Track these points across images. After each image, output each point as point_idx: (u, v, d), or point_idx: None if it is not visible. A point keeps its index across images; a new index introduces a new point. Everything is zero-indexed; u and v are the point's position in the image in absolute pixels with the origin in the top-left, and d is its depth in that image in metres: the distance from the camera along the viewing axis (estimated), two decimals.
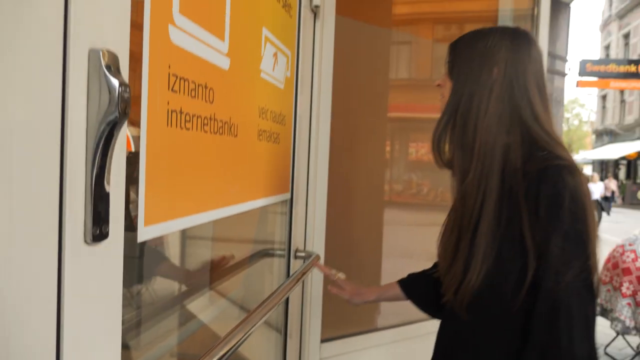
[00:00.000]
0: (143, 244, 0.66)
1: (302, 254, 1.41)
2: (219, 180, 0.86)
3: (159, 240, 0.97)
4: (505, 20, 3.42)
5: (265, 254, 1.39)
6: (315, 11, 1.47)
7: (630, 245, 3.36)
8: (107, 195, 0.51)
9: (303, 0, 1.38)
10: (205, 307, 1.20)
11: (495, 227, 0.87)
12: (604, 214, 12.26)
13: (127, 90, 0.50)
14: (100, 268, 0.52)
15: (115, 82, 0.49)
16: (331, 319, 1.62)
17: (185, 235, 1.08)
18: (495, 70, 0.92)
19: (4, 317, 0.41)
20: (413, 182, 2.99)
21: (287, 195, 1.33)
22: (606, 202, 12.59)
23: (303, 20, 1.37)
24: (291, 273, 1.34)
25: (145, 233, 0.62)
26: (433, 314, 1.16)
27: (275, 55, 1.15)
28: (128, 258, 0.57)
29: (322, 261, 1.45)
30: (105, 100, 0.48)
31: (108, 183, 0.51)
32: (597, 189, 11.70)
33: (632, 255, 3.29)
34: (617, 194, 13.21)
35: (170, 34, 0.66)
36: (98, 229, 0.50)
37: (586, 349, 0.78)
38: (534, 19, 3.01)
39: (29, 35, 0.42)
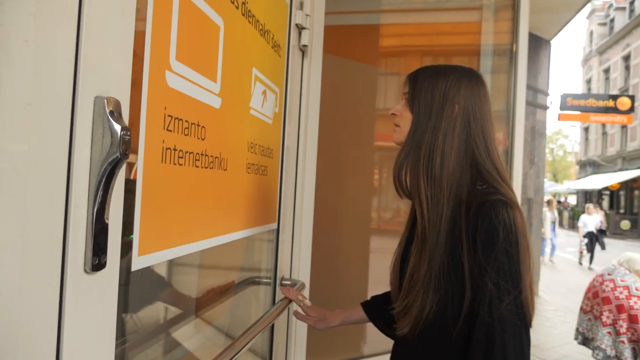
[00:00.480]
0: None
1: (288, 282, 1.44)
2: (209, 211, 0.91)
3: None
4: (487, 54, 3.57)
5: (252, 281, 1.42)
6: (303, 50, 1.56)
7: (609, 274, 3.44)
8: (107, 227, 0.56)
9: (292, 40, 1.46)
10: (190, 335, 1.23)
11: (445, 259, 0.91)
12: (598, 247, 11.30)
13: (128, 133, 0.55)
14: (98, 296, 0.56)
15: (117, 126, 0.54)
16: (316, 347, 1.64)
17: (172, 262, 1.11)
18: (457, 107, 0.97)
19: (10, 339, 0.45)
20: (401, 210, 3.05)
21: (274, 225, 1.38)
22: (602, 234, 11.70)
23: (292, 59, 1.45)
24: (276, 301, 1.38)
25: (139, 262, 0.66)
26: (393, 336, 1.16)
27: (264, 93, 1.22)
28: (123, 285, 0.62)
29: (307, 289, 1.49)
30: (108, 143, 0.54)
31: (107, 217, 0.56)
32: (592, 222, 11.22)
33: (611, 285, 3.36)
34: (604, 224, 12.70)
35: (167, 79, 0.72)
36: (97, 259, 0.55)
37: None
38: (513, 54, 3.16)
39: (42, 83, 0.47)
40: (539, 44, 6.65)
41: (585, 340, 3.56)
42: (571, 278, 9.08)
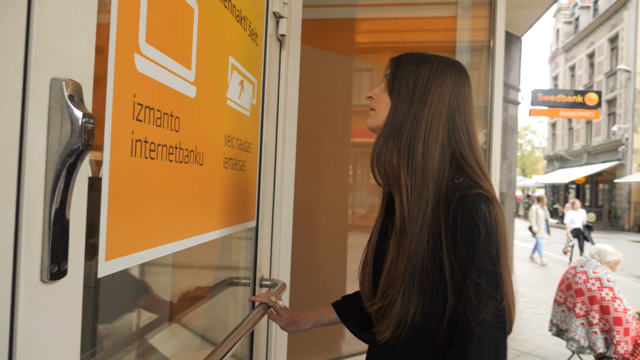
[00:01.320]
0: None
1: (268, 282, 1.38)
2: (185, 209, 0.84)
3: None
4: (463, 51, 3.58)
5: (230, 282, 1.35)
6: (281, 40, 1.49)
7: (581, 266, 3.50)
8: (67, 230, 0.48)
9: (269, 29, 1.39)
10: (166, 341, 1.16)
11: (427, 257, 0.86)
12: (587, 244, 10.48)
13: (91, 121, 0.48)
14: (58, 307, 0.49)
15: (78, 113, 0.47)
16: (297, 347, 1.59)
17: (144, 263, 1.04)
18: (441, 96, 0.93)
19: None
20: (376, 205, 3.02)
21: (253, 223, 1.32)
22: (589, 230, 10.90)
23: (269, 48, 1.39)
24: (256, 304, 1.31)
25: (106, 268, 0.59)
26: (364, 338, 1.11)
27: (241, 83, 1.15)
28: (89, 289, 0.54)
29: (287, 289, 1.43)
30: (67, 132, 0.47)
31: (68, 217, 0.48)
32: (578, 217, 10.44)
33: (584, 277, 3.42)
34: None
35: (136, 63, 0.65)
36: (56, 266, 0.47)
37: None
38: (490, 51, 3.16)
39: None
40: (510, 41, 6.74)
41: (559, 331, 3.62)
42: (541, 270, 9.30)
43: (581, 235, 10.33)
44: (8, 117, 0.43)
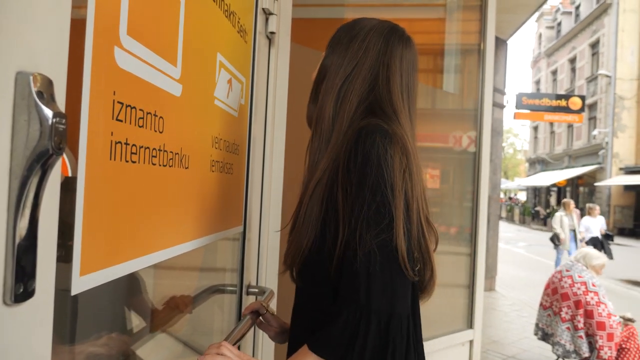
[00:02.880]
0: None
1: (255, 290, 1.33)
2: (169, 216, 0.78)
3: None
4: (451, 54, 3.56)
5: (216, 290, 1.29)
6: (270, 38, 1.44)
7: (567, 271, 3.51)
8: (35, 245, 0.43)
9: (259, 26, 1.34)
10: (151, 351, 1.09)
11: (326, 191, 0.85)
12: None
13: (63, 121, 0.42)
14: (24, 332, 0.43)
15: (48, 112, 0.41)
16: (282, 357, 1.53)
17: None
18: (366, 53, 0.93)
19: None
20: None
21: (240, 228, 1.26)
22: (608, 240, 9.39)
23: (258, 46, 1.33)
24: (243, 310, 1.26)
25: (80, 284, 0.53)
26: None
27: (229, 81, 1.10)
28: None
29: (275, 297, 1.38)
30: (35, 133, 0.41)
31: (37, 231, 0.43)
32: (596, 225, 8.94)
33: (569, 281, 3.43)
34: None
35: (116, 57, 0.59)
36: (22, 286, 0.42)
37: (384, 304, 0.75)
38: (481, 54, 3.15)
39: None
40: (496, 44, 6.78)
41: (545, 335, 3.63)
42: (525, 273, 9.38)
43: (599, 245, 8.76)
44: None
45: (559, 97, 13.18)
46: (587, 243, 8.54)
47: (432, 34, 3.64)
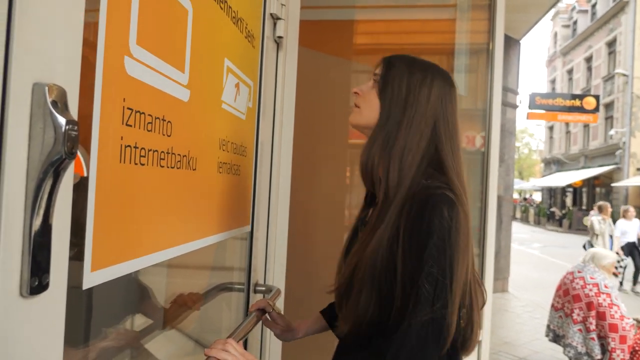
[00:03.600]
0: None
1: (262, 288, 1.36)
2: (177, 216, 0.82)
3: None
4: (461, 53, 3.56)
5: (224, 288, 1.33)
6: (278, 42, 1.47)
7: (579, 272, 3.49)
8: (50, 242, 0.46)
9: (266, 30, 1.37)
10: (161, 346, 1.13)
11: (385, 252, 0.85)
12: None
13: (75, 128, 0.46)
14: (39, 322, 0.47)
15: (61, 120, 0.45)
16: (290, 355, 1.56)
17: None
18: (429, 105, 0.93)
19: None
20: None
21: (248, 228, 1.29)
22: None
23: (266, 50, 1.36)
24: (250, 309, 1.29)
25: (91, 278, 0.57)
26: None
27: (237, 86, 1.13)
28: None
29: (282, 295, 1.41)
30: (50, 140, 0.44)
31: (51, 229, 0.46)
32: (632, 228, 8.01)
33: (581, 282, 3.41)
34: None
35: (126, 66, 0.63)
36: (37, 280, 0.45)
37: None
38: (489, 54, 3.15)
39: None
40: (509, 44, 6.73)
41: (556, 337, 3.61)
42: (539, 274, 9.29)
43: (636, 251, 8.12)
44: None
45: (573, 97, 13.05)
46: (623, 249, 7.88)
47: (443, 33, 3.64)
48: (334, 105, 2.50)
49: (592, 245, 7.30)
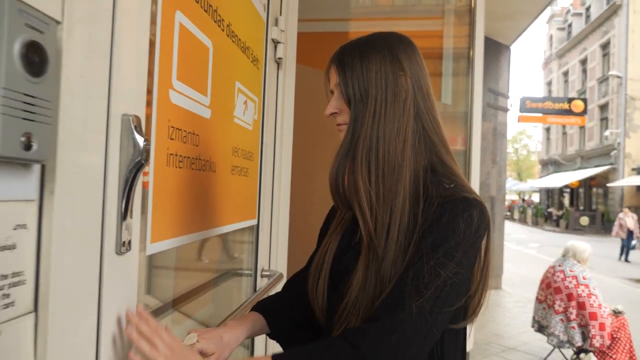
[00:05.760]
0: None
1: (267, 273, 1.59)
2: (204, 207, 1.06)
3: None
4: (448, 57, 3.77)
5: (235, 273, 1.57)
6: (278, 62, 1.71)
7: (559, 266, 3.72)
8: (131, 218, 0.70)
9: (269, 53, 1.61)
10: (197, 309, 1.37)
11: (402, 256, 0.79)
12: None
13: (148, 144, 0.70)
14: (125, 272, 0.70)
15: (140, 138, 0.69)
16: None
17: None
18: (399, 84, 0.83)
19: (73, 297, 0.59)
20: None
21: (254, 221, 1.53)
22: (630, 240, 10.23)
23: (268, 70, 1.60)
24: (257, 289, 1.53)
25: (152, 248, 0.80)
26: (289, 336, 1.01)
27: (245, 102, 1.37)
28: None
29: (284, 279, 1.64)
30: (133, 152, 0.68)
31: (132, 209, 0.70)
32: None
33: (562, 275, 3.64)
34: (637, 233, 11.72)
35: (170, 96, 0.87)
36: (124, 244, 0.69)
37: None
38: (470, 59, 3.37)
39: (93, 105, 0.61)
40: (499, 50, 6.99)
41: (540, 327, 3.84)
42: (534, 273, 9.51)
43: None
44: (97, 143, 0.64)
45: (561, 100, 13.39)
46: None
47: (434, 46, 3.85)
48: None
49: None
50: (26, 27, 0.45)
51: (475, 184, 3.12)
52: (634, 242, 11.73)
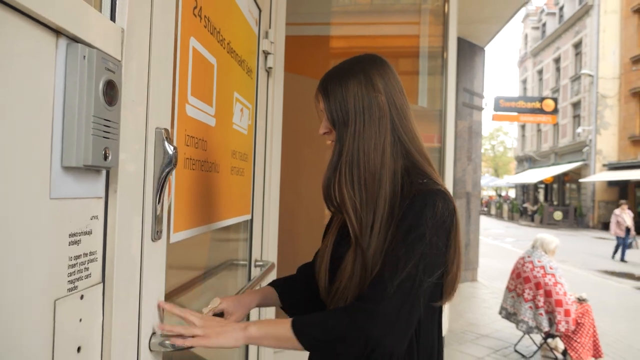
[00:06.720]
0: None
1: (260, 263, 1.77)
2: (211, 203, 1.22)
3: None
4: (424, 55, 3.97)
5: (232, 263, 1.73)
6: (268, 71, 1.88)
7: (528, 257, 3.98)
8: (162, 213, 0.86)
9: (260, 62, 1.78)
10: (196, 297, 1.53)
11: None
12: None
13: (176, 151, 0.86)
14: (157, 257, 0.87)
15: (170, 147, 0.85)
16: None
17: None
18: (377, 104, 0.96)
19: (124, 278, 0.75)
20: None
21: (249, 216, 1.70)
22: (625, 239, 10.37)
23: (260, 79, 1.77)
24: (251, 278, 1.70)
25: (174, 237, 0.97)
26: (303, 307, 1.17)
27: (241, 110, 1.54)
28: None
29: (275, 268, 1.82)
30: (164, 159, 0.85)
31: (163, 204, 0.86)
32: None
33: (530, 266, 3.90)
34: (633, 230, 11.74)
35: (187, 110, 1.03)
36: (158, 232, 0.85)
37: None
38: (444, 60, 3.58)
39: (138, 124, 0.78)
40: (474, 51, 7.26)
41: (508, 315, 4.10)
42: (508, 265, 9.85)
43: None
44: (138, 154, 0.80)
45: (533, 99, 13.90)
46: None
47: (410, 50, 4.04)
48: (314, 118, 2.91)
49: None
50: (105, 70, 0.61)
51: (449, 179, 3.33)
52: (630, 240, 11.40)
